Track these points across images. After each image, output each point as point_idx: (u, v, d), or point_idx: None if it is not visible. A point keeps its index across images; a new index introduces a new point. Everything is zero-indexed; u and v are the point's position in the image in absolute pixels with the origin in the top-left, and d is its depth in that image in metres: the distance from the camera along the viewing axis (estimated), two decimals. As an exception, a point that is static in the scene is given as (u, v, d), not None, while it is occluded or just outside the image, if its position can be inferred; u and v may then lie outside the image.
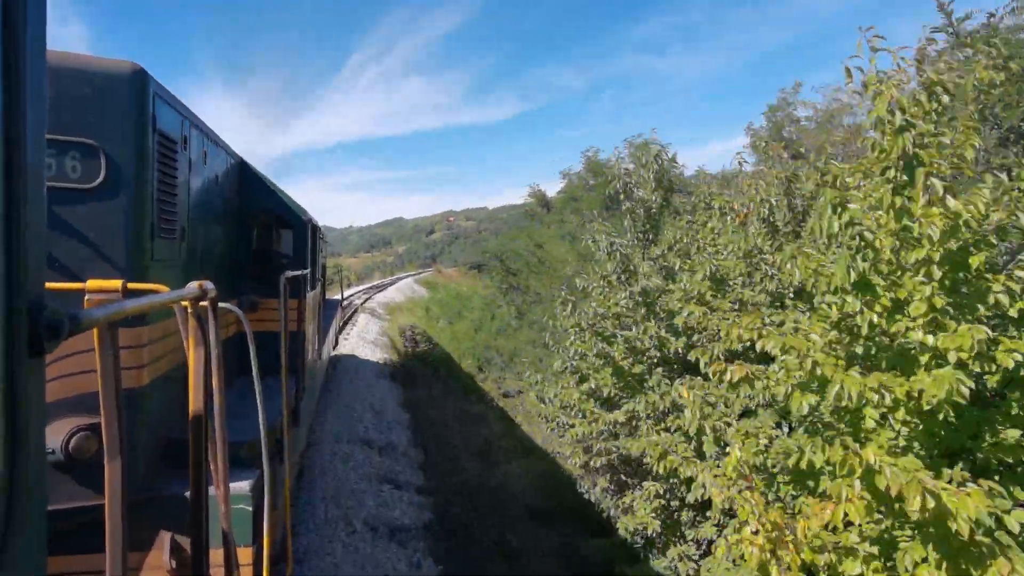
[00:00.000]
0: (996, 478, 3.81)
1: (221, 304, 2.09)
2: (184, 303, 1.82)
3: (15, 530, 0.79)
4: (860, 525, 4.07)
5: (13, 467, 0.79)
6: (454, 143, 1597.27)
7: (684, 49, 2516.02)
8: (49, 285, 2.00)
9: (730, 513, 6.32)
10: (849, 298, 4.48)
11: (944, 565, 3.49)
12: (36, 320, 0.82)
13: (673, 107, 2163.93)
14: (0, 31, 0.74)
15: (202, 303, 1.84)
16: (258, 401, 2.60)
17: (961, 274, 4.23)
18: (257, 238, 6.27)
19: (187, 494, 2.53)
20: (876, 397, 3.86)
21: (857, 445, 3.78)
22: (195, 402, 1.81)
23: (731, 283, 8.37)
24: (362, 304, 31.06)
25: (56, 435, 3.01)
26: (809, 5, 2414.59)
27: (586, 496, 11.17)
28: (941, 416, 3.87)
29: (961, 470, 3.60)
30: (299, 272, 5.79)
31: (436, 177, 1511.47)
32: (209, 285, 1.82)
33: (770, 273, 7.82)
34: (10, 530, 0.78)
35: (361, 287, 40.89)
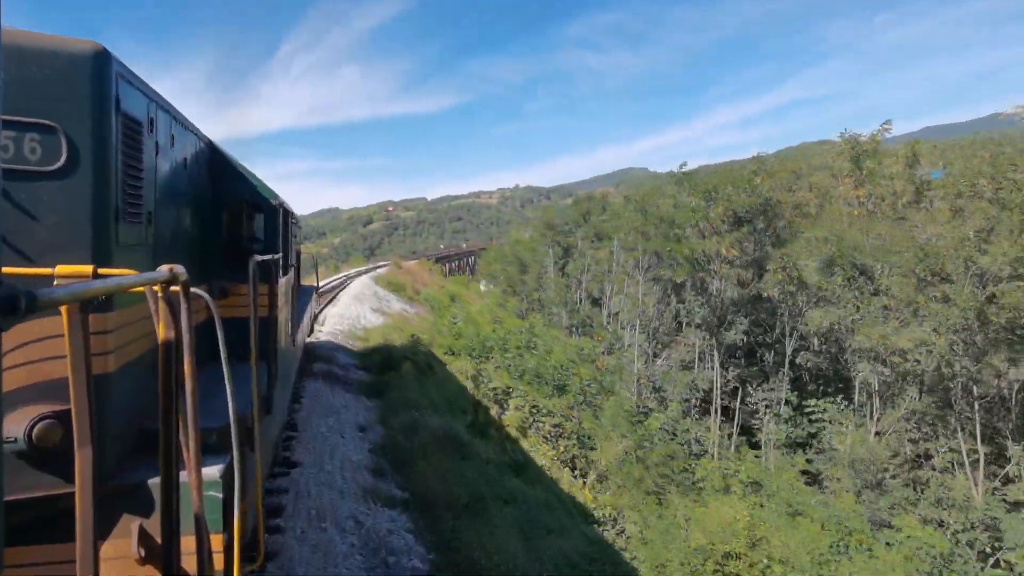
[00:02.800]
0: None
1: (192, 289, 2.14)
2: (155, 287, 1.76)
3: None
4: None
5: None
6: (390, 134, 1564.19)
7: (619, 47, 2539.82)
8: (17, 270, 2.32)
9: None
10: None
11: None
12: None
13: (609, 105, 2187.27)
14: None
15: (173, 287, 1.79)
16: (227, 387, 2.57)
17: None
18: (227, 223, 6.06)
19: (151, 481, 3.15)
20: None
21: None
22: (165, 388, 1.78)
23: None
24: (310, 333, 16.53)
25: (19, 423, 2.93)
26: (737, 6, 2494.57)
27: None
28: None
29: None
30: (270, 256, 5.70)
31: (372, 168, 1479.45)
32: (180, 269, 1.80)
33: None
34: None
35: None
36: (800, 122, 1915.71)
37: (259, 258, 4.77)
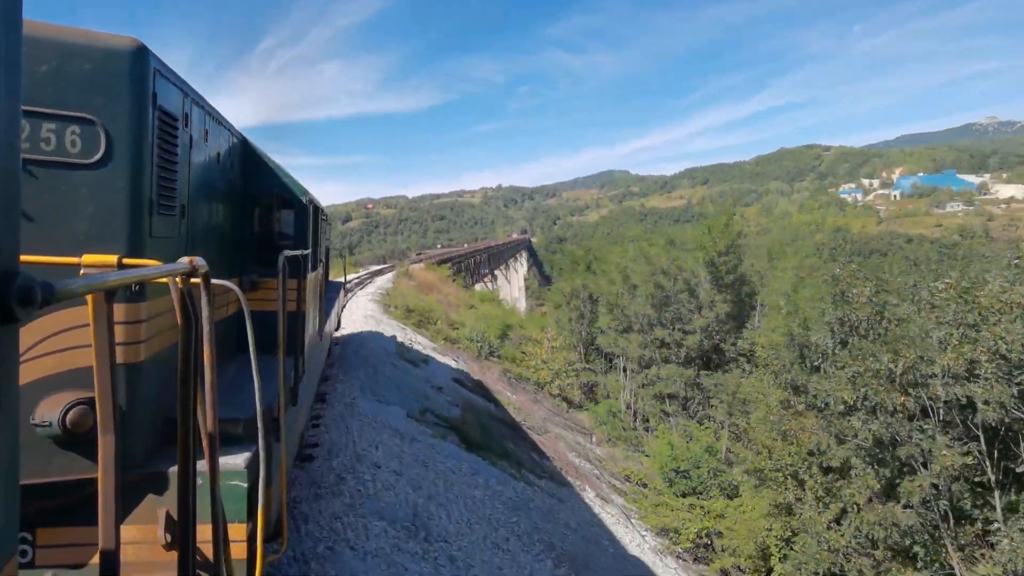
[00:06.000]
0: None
1: (222, 282, 2.30)
2: (176, 279, 1.79)
3: None
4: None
5: None
6: (371, 131, 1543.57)
7: (600, 50, 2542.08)
8: (45, 259, 2.35)
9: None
10: None
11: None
12: (7, 288, 0.83)
13: (590, 107, 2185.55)
14: None
15: (193, 279, 1.82)
16: (255, 379, 2.61)
17: None
18: (258, 218, 6.09)
19: (172, 470, 3.15)
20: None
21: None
22: (183, 379, 1.80)
23: None
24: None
25: (54, 408, 3.01)
26: (716, 13, 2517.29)
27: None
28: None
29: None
30: (299, 252, 5.69)
31: (352, 165, 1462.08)
32: (200, 261, 1.83)
33: None
34: None
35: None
36: (778, 128, 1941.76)
37: (288, 253, 4.75)
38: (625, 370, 30.36)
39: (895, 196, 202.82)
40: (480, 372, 22.33)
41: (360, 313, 21.60)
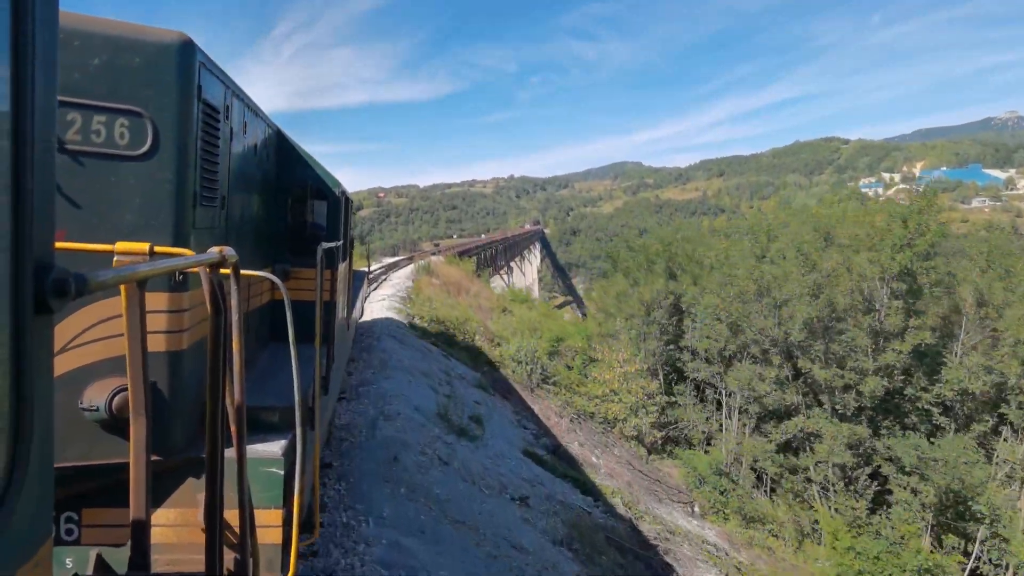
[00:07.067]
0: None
1: (262, 274, 2.51)
2: (206, 268, 1.79)
3: (18, 486, 0.79)
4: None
5: (18, 423, 0.79)
6: (382, 119, 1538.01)
7: (613, 39, 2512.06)
8: (80, 246, 2.32)
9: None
10: None
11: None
12: (42, 280, 0.85)
13: (603, 96, 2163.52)
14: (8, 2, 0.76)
15: (223, 269, 1.81)
16: (294, 368, 2.69)
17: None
18: (292, 208, 6.07)
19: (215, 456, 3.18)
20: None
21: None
22: (212, 367, 1.81)
23: None
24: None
25: (101, 393, 3.06)
26: (731, 2, 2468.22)
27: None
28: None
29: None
30: (333, 243, 5.71)
31: (363, 153, 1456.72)
32: (230, 251, 1.81)
33: None
34: (13, 486, 0.78)
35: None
36: (793, 120, 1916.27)
37: (326, 245, 4.78)
38: (726, 407, 22.77)
39: (917, 191, 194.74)
40: (539, 410, 15.86)
41: (379, 330, 14.95)
